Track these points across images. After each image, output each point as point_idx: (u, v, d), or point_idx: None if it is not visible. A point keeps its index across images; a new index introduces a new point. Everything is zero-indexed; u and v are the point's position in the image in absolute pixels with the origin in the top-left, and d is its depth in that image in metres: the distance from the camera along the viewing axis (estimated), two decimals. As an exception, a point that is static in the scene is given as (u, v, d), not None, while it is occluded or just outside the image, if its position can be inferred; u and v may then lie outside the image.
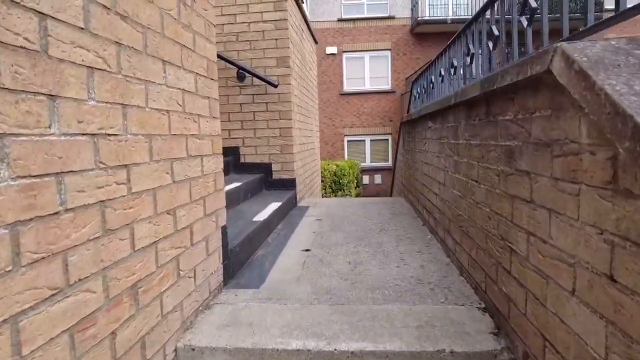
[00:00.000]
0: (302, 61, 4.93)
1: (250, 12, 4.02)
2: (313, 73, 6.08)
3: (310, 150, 5.62)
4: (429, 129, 3.08)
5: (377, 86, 15.61)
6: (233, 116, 4.16)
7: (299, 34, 4.77)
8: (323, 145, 15.74)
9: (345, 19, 15.13)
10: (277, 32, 4.01)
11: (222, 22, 4.07)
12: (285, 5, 3.96)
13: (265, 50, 4.05)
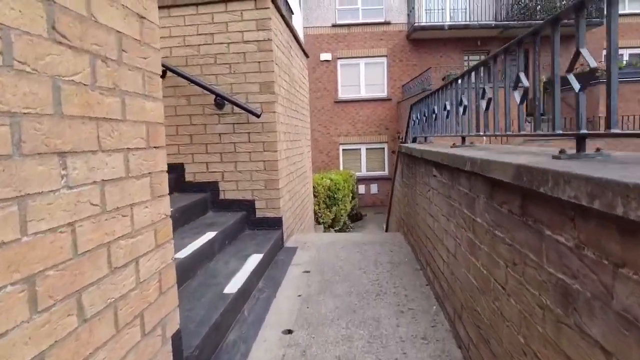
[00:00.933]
0: (290, 81, 4.48)
1: (229, 31, 3.57)
2: (304, 91, 5.63)
3: (301, 176, 5.18)
4: (434, 177, 2.64)
5: (373, 93, 15.20)
6: (211, 147, 3.71)
7: (287, 52, 4.32)
8: (317, 154, 15.31)
9: (340, 24, 14.71)
10: (260, 54, 3.56)
11: (199, 43, 3.61)
12: (269, 24, 3.51)
13: (247, 75, 3.60)
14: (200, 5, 3.58)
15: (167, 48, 3.65)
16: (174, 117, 3.72)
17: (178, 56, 3.65)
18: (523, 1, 13.37)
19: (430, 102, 3.78)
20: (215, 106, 3.62)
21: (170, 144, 3.75)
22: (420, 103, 4.30)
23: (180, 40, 3.64)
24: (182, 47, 3.64)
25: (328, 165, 15.30)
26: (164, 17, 3.63)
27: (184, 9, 3.60)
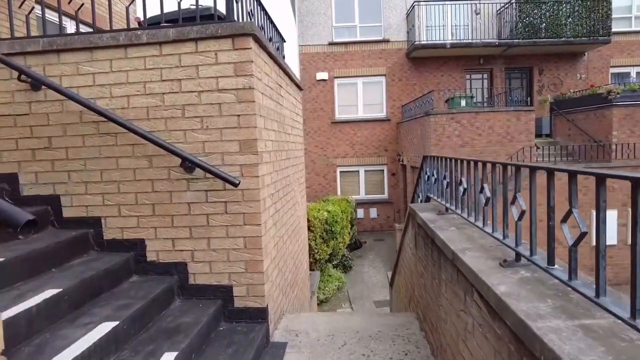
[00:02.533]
0: (280, 127, 3.77)
1: (201, 76, 2.86)
2: (297, 130, 4.92)
3: (295, 231, 4.44)
4: (478, 310, 1.91)
5: (371, 114, 14.56)
6: (178, 220, 2.97)
7: (276, 95, 3.61)
8: (314, 177, 14.60)
9: (337, 42, 14.12)
10: (239, 105, 2.84)
11: (163, 91, 2.89)
12: (250, 69, 2.80)
13: (224, 131, 2.87)
14: (164, 44, 2.86)
15: (123, 97, 2.93)
16: (132, 182, 2.98)
17: (137, 107, 2.93)
18: (527, 19, 12.81)
19: (455, 167, 3.06)
20: (184, 169, 2.89)
21: (128, 215, 3.00)
22: (440, 163, 3.56)
23: (140, 87, 2.91)
24: (143, 96, 2.92)
25: (325, 188, 14.59)
26: (120, 59, 2.92)
27: (144, 48, 2.89)
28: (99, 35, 2.91)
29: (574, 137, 11.64)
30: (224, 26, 2.78)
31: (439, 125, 9.95)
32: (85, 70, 2.95)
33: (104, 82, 2.95)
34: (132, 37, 2.87)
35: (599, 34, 12.99)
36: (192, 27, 2.81)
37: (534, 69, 14.32)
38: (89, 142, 3.00)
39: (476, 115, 10.01)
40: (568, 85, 14.27)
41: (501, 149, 10.07)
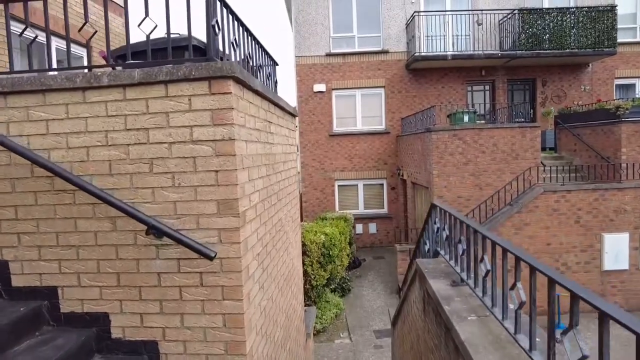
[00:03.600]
0: (269, 168, 3.33)
1: (172, 125, 2.42)
2: (291, 161, 4.48)
3: (287, 281, 3.99)
4: None
5: (370, 126, 14.16)
6: (147, 292, 2.52)
7: (265, 134, 3.17)
8: (311, 191, 14.16)
9: (335, 53, 13.72)
10: (217, 159, 2.40)
11: (128, 141, 2.45)
12: (230, 116, 2.36)
13: (199, 189, 2.43)
14: (128, 87, 2.43)
15: (82, 148, 2.49)
16: (93, 247, 2.53)
17: (98, 160, 2.49)
18: (531, 30, 12.44)
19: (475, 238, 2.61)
20: (153, 234, 2.44)
21: (88, 284, 2.56)
22: (454, 221, 3.08)
23: (102, 137, 2.47)
24: (104, 148, 2.48)
25: (323, 203, 14.14)
26: (77, 104, 2.48)
27: (105, 92, 2.45)
28: (53, 75, 2.47)
29: (579, 153, 11.24)
30: (199, 67, 2.34)
31: (441, 142, 9.53)
32: (36, 116, 2.51)
33: (59, 131, 2.51)
34: (90, 79, 2.43)
35: (604, 45, 12.62)
36: (161, 68, 2.37)
37: (537, 81, 13.94)
38: (43, 200, 2.55)
39: (479, 132, 9.60)
40: (572, 97, 13.90)
41: (506, 167, 9.66)
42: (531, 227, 8.68)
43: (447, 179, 9.63)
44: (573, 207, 8.59)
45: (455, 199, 9.65)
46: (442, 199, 9.66)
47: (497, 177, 9.63)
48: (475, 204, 9.60)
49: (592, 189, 8.62)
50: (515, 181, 9.06)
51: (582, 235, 8.62)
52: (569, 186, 8.80)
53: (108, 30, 2.61)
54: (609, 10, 12.54)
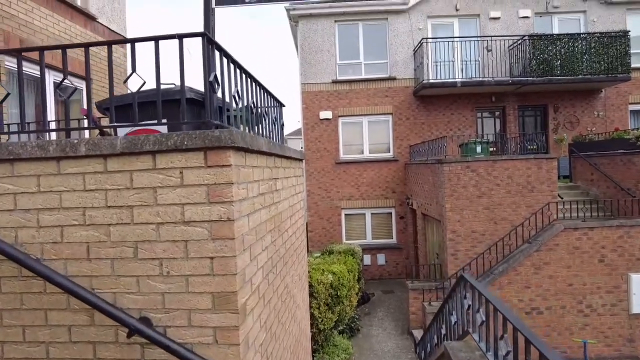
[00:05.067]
0: (275, 230, 2.93)
1: (159, 203, 2.03)
2: (297, 212, 4.08)
3: (294, 351, 3.54)
4: None
5: (378, 154, 13.79)
6: (128, 401, 2.09)
7: (270, 195, 2.79)
8: (317, 220, 13.73)
9: (341, 80, 13.48)
10: (214, 244, 2.01)
11: (109, 221, 2.07)
12: (229, 193, 1.98)
13: (191, 279, 2.03)
14: (109, 157, 2.06)
15: (55, 227, 2.11)
16: (66, 344, 2.13)
17: (74, 242, 2.10)
18: (542, 56, 12.15)
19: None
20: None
21: (58, 389, 2.13)
22: (493, 311, 2.62)
23: (79, 214, 2.09)
24: (82, 227, 2.10)
25: (329, 233, 13.68)
26: (50, 175, 2.11)
27: (83, 162, 2.08)
28: (22, 143, 2.11)
29: (597, 183, 10.77)
30: (193, 136, 1.97)
31: (454, 174, 9.12)
32: (3, 188, 2.14)
33: (29, 206, 2.13)
34: (66, 147, 2.07)
35: (617, 70, 12.29)
36: (148, 136, 2.00)
37: (548, 107, 13.59)
38: (7, 288, 2.16)
39: (493, 164, 9.19)
40: (585, 123, 13.51)
41: (521, 200, 9.20)
42: (551, 267, 8.17)
43: (460, 213, 9.18)
44: (596, 245, 8.09)
45: (469, 233, 9.18)
46: (455, 233, 9.20)
47: (513, 211, 9.17)
48: (490, 239, 9.13)
49: (617, 225, 8.13)
50: (533, 217, 8.59)
51: (607, 275, 8.09)
52: (591, 223, 8.31)
53: (90, 90, 2.26)
54: (621, 36, 12.26)
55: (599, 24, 13.34)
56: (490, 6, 13.35)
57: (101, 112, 2.88)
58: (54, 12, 6.58)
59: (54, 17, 6.57)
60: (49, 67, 5.89)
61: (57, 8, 6.64)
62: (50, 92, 6.00)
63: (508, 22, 13.32)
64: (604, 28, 13.14)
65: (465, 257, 9.08)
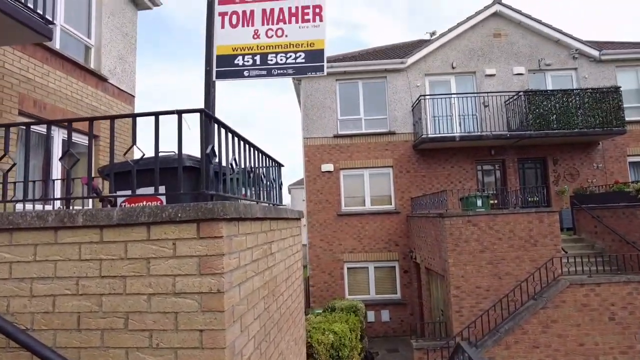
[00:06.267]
0: (270, 295, 2.91)
1: (152, 273, 2.06)
2: (295, 272, 4.06)
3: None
4: None
5: (380, 206, 13.83)
6: None
7: (264, 260, 2.80)
8: (319, 274, 13.51)
9: (342, 134, 13.84)
10: (204, 316, 2.00)
11: (102, 291, 2.09)
12: (220, 264, 2.01)
13: (180, 352, 2.01)
14: (106, 228, 2.11)
15: (48, 297, 2.12)
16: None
17: (66, 311, 2.11)
18: (537, 110, 12.49)
19: None
20: (120, 409, 1.98)
21: None
22: None
23: (72, 284, 2.11)
24: (74, 297, 2.11)
25: (331, 288, 13.41)
26: (47, 245, 2.16)
27: (80, 232, 2.13)
28: (22, 213, 2.18)
29: (601, 235, 10.66)
30: (186, 208, 2.03)
31: (455, 228, 9.08)
32: (0, 257, 2.18)
33: (24, 275, 2.16)
34: (64, 218, 2.13)
35: (612, 124, 12.56)
36: (143, 207, 2.07)
37: (547, 159, 13.75)
38: (-5, 360, 2.13)
39: (494, 218, 9.17)
40: (585, 175, 13.60)
41: (525, 254, 9.08)
42: (560, 325, 7.90)
43: (463, 268, 9.03)
44: (605, 302, 7.87)
45: (473, 289, 8.98)
46: (459, 289, 9.00)
47: (517, 266, 9.02)
48: (495, 295, 8.91)
49: (624, 281, 7.95)
50: (538, 272, 8.43)
51: (619, 334, 7.79)
52: (598, 278, 8.14)
53: (91, 160, 2.36)
54: (613, 92, 12.65)
55: (591, 80, 13.82)
56: (485, 64, 13.93)
57: (103, 178, 2.97)
58: (68, 75, 6.93)
59: (67, 80, 6.91)
60: (57, 126, 6.13)
61: (72, 71, 7.00)
62: (58, 147, 6.19)
63: (503, 79, 13.83)
64: (595, 84, 13.61)
65: (470, 314, 8.82)
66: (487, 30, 14.04)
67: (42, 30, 4.36)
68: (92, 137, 2.40)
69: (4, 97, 5.32)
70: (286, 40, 3.09)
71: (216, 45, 3.15)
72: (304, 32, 3.07)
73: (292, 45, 3.07)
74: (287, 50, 3.08)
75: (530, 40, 14.01)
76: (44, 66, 6.28)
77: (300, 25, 3.08)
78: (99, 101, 7.40)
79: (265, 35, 3.13)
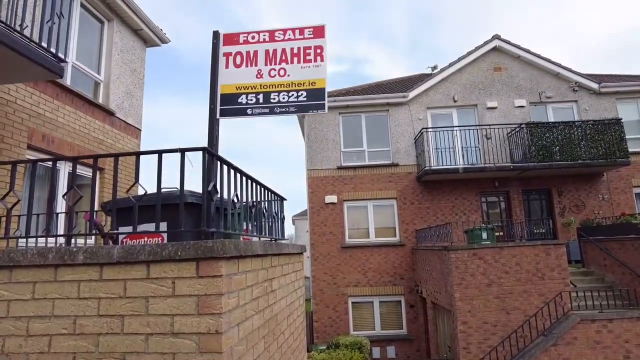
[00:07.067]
0: (270, 335, 2.85)
1: (150, 313, 2.04)
2: (297, 309, 3.99)
3: None
4: None
5: (384, 238, 13.70)
6: None
7: (265, 298, 2.76)
8: (324, 309, 13.23)
9: (346, 166, 13.90)
10: (201, 357, 1.96)
11: (99, 330, 2.05)
12: (218, 304, 1.98)
13: (176, 396, 1.95)
14: (106, 266, 2.10)
15: (44, 336, 2.09)
16: None
17: (61, 352, 2.07)
18: (540, 142, 12.54)
19: None
20: None
21: None
22: None
23: (69, 323, 2.09)
24: (71, 337, 2.08)
25: (335, 323, 13.10)
26: (46, 282, 2.15)
27: (80, 270, 2.13)
28: (23, 250, 2.18)
29: (611, 268, 10.45)
30: (186, 246, 2.03)
31: (461, 262, 8.95)
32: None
33: (21, 314, 2.14)
34: (64, 255, 2.13)
35: (615, 155, 12.56)
36: (144, 246, 2.07)
37: (552, 190, 13.68)
38: (-13, 402, 2.08)
39: (500, 251, 9.05)
40: (591, 207, 13.48)
41: (532, 288, 8.88)
42: (572, 363, 7.63)
43: (470, 303, 8.83)
44: (619, 340, 7.62)
45: (480, 325, 8.74)
46: (466, 325, 8.77)
47: (525, 300, 8.81)
48: (503, 330, 8.66)
49: (638, 317, 7.72)
50: (546, 307, 8.23)
51: (635, 374, 7.50)
52: (610, 313, 7.91)
53: (94, 198, 2.39)
54: (614, 123, 12.73)
55: (592, 112, 13.95)
56: (486, 97, 14.14)
57: (106, 214, 2.99)
58: (77, 109, 7.08)
59: (76, 114, 7.06)
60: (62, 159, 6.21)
61: (81, 106, 7.16)
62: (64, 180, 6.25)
63: (505, 111, 13.99)
64: (596, 115, 13.72)
65: (478, 351, 8.55)
66: (487, 65, 14.33)
67: (54, 68, 4.50)
68: (96, 173, 2.43)
69: (14, 131, 5.44)
70: (288, 79, 3.19)
71: (220, 84, 3.25)
72: (306, 72, 3.17)
73: (294, 84, 3.16)
74: (289, 89, 3.17)
75: (530, 73, 14.25)
76: (54, 101, 6.44)
77: (302, 65, 3.19)
78: (106, 135, 7.53)
79: (268, 75, 3.23)
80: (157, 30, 8.60)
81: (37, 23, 4.97)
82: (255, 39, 3.34)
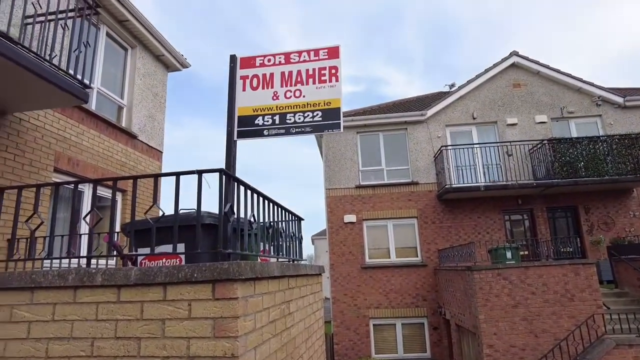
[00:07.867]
0: (288, 358, 2.78)
1: (167, 335, 2.02)
2: (315, 334, 3.91)
3: None
4: None
5: (405, 258, 13.45)
6: None
7: (282, 320, 2.71)
8: (344, 332, 12.98)
9: (364, 185, 13.82)
10: (216, 381, 1.92)
11: (115, 353, 2.05)
12: (234, 327, 1.95)
13: (191, 422, 1.91)
14: (123, 288, 2.11)
15: (62, 358, 2.09)
16: None
17: (78, 374, 2.06)
18: (563, 158, 12.23)
19: None
20: None
21: None
22: None
23: (87, 345, 2.09)
24: (88, 359, 2.07)
25: (357, 346, 12.81)
26: (66, 304, 2.16)
27: (98, 291, 2.14)
28: (44, 272, 2.21)
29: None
30: (202, 268, 2.02)
31: (485, 282, 8.68)
32: (20, 316, 2.20)
33: (41, 335, 2.15)
34: (83, 277, 2.15)
35: (639, 174, 12.11)
36: (161, 268, 2.07)
37: (579, 208, 13.24)
38: None
39: (526, 271, 8.74)
40: (622, 224, 12.96)
41: (562, 310, 8.51)
42: (609, 391, 7.20)
43: (495, 325, 8.51)
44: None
45: (507, 348, 8.39)
46: (492, 348, 8.43)
47: (554, 322, 8.44)
48: (532, 355, 8.29)
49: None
50: (578, 330, 7.85)
51: (678, 403, 7.02)
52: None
53: (114, 220, 2.42)
54: (642, 138, 12.33)
55: (617, 126, 13.57)
56: (506, 113, 13.95)
57: (125, 235, 3.02)
58: (100, 133, 7.30)
59: (100, 138, 7.27)
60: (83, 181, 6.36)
61: (104, 129, 7.38)
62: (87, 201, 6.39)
63: (526, 128, 13.75)
64: (622, 130, 13.34)
65: (506, 377, 8.18)
66: (506, 81, 14.20)
67: (80, 94, 4.67)
68: (115, 194, 2.47)
69: (42, 155, 5.63)
70: (304, 100, 3.22)
71: (238, 106, 3.30)
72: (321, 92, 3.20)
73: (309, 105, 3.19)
74: (305, 109, 3.20)
75: (550, 89, 14.04)
76: (79, 126, 6.66)
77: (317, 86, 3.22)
78: (128, 157, 7.71)
79: (284, 96, 3.27)
80: (177, 56, 8.87)
81: (65, 52, 5.19)
82: (271, 62, 3.41)
